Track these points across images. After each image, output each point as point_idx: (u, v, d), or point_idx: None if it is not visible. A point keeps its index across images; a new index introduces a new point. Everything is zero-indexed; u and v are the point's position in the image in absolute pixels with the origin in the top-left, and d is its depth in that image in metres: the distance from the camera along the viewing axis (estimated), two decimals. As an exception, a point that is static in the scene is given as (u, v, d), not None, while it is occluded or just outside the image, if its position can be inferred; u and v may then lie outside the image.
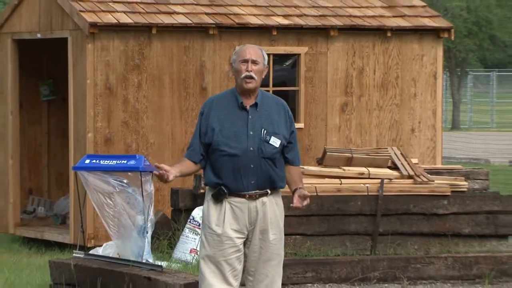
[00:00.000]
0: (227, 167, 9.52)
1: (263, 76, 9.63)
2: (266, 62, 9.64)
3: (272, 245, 9.65)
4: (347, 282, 14.13)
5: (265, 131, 9.53)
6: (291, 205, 9.64)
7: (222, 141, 9.48)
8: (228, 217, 9.54)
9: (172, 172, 9.58)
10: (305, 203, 9.66)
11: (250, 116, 9.55)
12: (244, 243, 9.67)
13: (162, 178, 9.58)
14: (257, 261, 9.70)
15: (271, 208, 9.62)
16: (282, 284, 11.90)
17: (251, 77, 9.48)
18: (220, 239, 9.53)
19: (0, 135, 19.31)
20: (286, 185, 9.82)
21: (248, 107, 9.55)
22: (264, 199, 9.57)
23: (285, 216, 14.55)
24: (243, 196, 9.51)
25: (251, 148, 9.48)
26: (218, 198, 9.53)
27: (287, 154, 9.66)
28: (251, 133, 9.50)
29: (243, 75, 9.47)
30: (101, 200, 14.09)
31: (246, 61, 9.50)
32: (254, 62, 9.51)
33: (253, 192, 9.51)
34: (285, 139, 9.64)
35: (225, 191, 9.51)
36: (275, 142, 9.52)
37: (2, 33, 19.13)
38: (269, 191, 9.57)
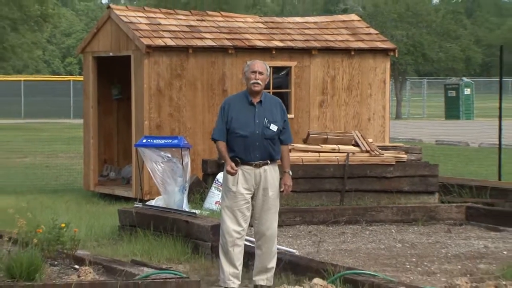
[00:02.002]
0: (240, 144, 9.94)
1: (266, 83, 10.07)
2: (268, 73, 10.10)
3: (271, 199, 9.98)
4: (324, 224, 14.26)
5: (266, 120, 9.95)
6: (281, 190, 10.07)
7: (237, 127, 9.93)
8: (241, 179, 9.93)
9: (232, 164, 9.93)
10: (289, 189, 10.11)
11: (256, 110, 9.97)
12: (252, 197, 9.98)
13: (231, 172, 9.90)
14: (260, 210, 10.00)
15: (270, 173, 9.99)
16: (278, 226, 12.45)
17: (258, 83, 9.92)
18: (235, 194, 9.93)
19: (84, 122, 19.55)
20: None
21: (255, 104, 9.99)
22: (265, 167, 9.96)
23: (280, 179, 15.37)
24: (251, 165, 9.94)
25: (257, 132, 9.92)
26: (243, 163, 9.98)
27: (281, 136, 10.07)
28: (257, 121, 9.93)
29: (252, 81, 9.92)
30: (153, 167, 14.90)
31: (254, 72, 9.94)
32: (260, 73, 9.95)
33: (258, 162, 9.94)
34: (280, 125, 10.01)
35: (238, 161, 9.92)
36: (274, 127, 9.95)
37: (85, 52, 19.31)
38: (268, 162, 9.98)
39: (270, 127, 9.99)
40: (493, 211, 14.91)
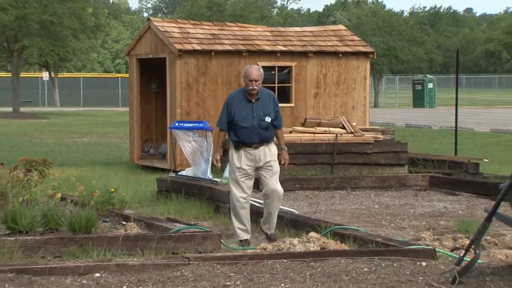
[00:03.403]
0: (242, 132, 9.85)
1: (261, 82, 9.88)
2: (262, 77, 9.89)
3: (272, 166, 9.91)
4: (317, 190, 14.22)
5: (262, 113, 9.86)
6: (281, 163, 10.04)
7: (239, 120, 9.82)
8: (243, 157, 9.89)
9: (218, 157, 10.00)
10: (287, 162, 10.08)
11: (254, 106, 9.88)
12: (258, 168, 9.93)
13: (215, 163, 10.03)
14: (266, 176, 9.91)
15: (268, 149, 9.93)
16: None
17: (254, 89, 9.80)
18: (239, 169, 9.88)
19: (130, 110, 19.57)
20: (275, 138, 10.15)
21: (253, 101, 9.89)
22: (262, 147, 9.90)
23: (279, 155, 15.24)
24: (251, 147, 9.89)
25: (255, 123, 9.83)
26: (236, 147, 9.95)
27: (274, 122, 9.96)
28: (255, 115, 9.85)
29: (250, 88, 9.81)
30: (184, 145, 14.86)
31: (251, 80, 9.79)
32: (256, 80, 9.80)
33: (256, 145, 9.87)
34: (273, 115, 9.92)
35: (240, 144, 9.88)
36: (268, 119, 9.88)
37: (130, 54, 19.33)
38: (265, 143, 9.91)
39: (265, 119, 9.91)
40: (450, 180, 14.94)
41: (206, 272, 7.31)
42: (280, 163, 10.09)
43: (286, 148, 10.18)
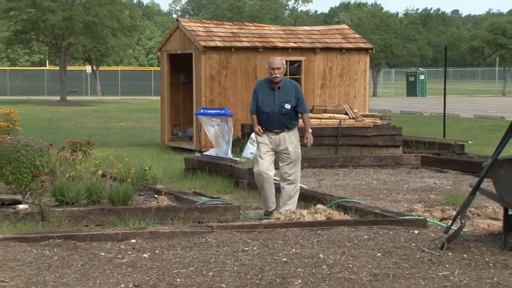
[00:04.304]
0: (264, 118, 9.61)
1: (284, 72, 9.69)
2: (285, 66, 9.69)
3: (290, 154, 9.63)
4: (324, 168, 14.26)
5: (282, 101, 9.55)
6: (305, 142, 9.70)
7: (262, 106, 9.60)
8: (267, 138, 9.60)
9: (258, 127, 9.66)
10: (311, 142, 9.71)
11: (276, 94, 9.58)
12: (277, 152, 9.63)
13: (258, 133, 9.68)
14: (283, 163, 9.67)
15: (288, 138, 9.62)
16: None
17: (277, 76, 9.52)
18: (263, 144, 9.61)
19: (161, 99, 19.56)
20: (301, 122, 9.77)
21: (275, 89, 9.60)
22: (283, 133, 9.61)
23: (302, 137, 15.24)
24: (272, 132, 9.60)
25: (275, 110, 9.53)
26: (268, 131, 9.66)
27: (298, 109, 9.63)
28: (276, 102, 9.54)
29: (273, 76, 9.54)
30: (208, 129, 14.88)
31: (273, 68, 9.53)
32: (278, 68, 9.53)
33: (277, 130, 9.59)
34: (294, 103, 9.56)
35: (264, 129, 9.63)
36: (288, 106, 9.53)
37: (161, 50, 19.24)
38: (286, 130, 9.60)
39: (285, 106, 9.55)
40: (439, 159, 14.88)
41: (227, 239, 7.34)
42: (304, 143, 9.78)
43: (310, 130, 9.79)
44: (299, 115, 9.83)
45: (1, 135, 11.53)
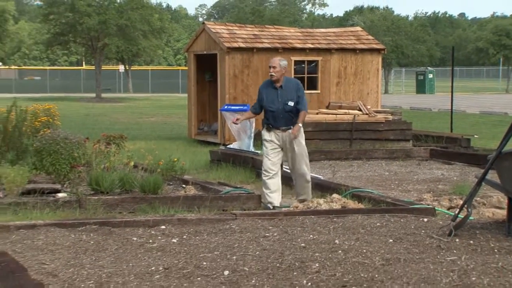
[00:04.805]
0: (270, 116, 9.39)
1: (283, 72, 9.30)
2: (282, 65, 9.28)
3: (296, 150, 9.41)
4: (339, 160, 14.17)
5: (286, 99, 9.29)
6: (289, 131, 9.38)
7: (267, 104, 9.38)
8: (273, 135, 9.41)
9: (238, 117, 9.75)
10: (294, 134, 9.31)
11: (278, 92, 9.33)
12: (284, 149, 9.47)
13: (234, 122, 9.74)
14: (291, 159, 9.53)
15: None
16: (310, 161, 13.09)
17: (272, 75, 9.24)
18: (269, 142, 9.44)
19: (188, 96, 19.59)
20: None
21: (278, 88, 9.34)
22: (289, 131, 9.38)
23: (313, 131, 15.12)
24: (278, 129, 9.39)
25: (280, 107, 9.30)
26: (268, 129, 9.49)
27: (298, 106, 9.31)
28: (279, 100, 9.31)
29: (270, 74, 9.32)
30: (231, 124, 14.15)
31: (270, 67, 9.32)
32: (274, 67, 9.25)
33: (283, 127, 9.36)
34: (295, 101, 9.29)
35: (271, 126, 9.41)
36: (291, 103, 9.28)
37: (189, 51, 19.25)
38: (291, 127, 9.35)
39: (288, 104, 9.29)
40: (447, 152, 14.78)
41: (249, 226, 7.34)
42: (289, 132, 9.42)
43: (300, 125, 9.37)
44: None
45: (42, 129, 11.58)
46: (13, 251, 6.12)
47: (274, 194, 9.47)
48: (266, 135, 9.54)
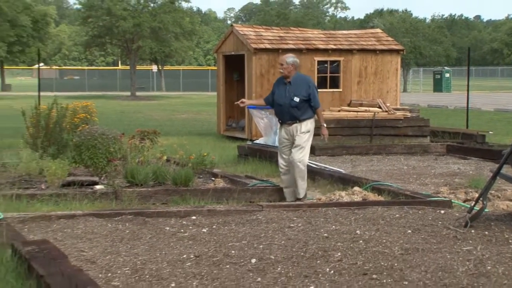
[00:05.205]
0: (278, 110, 9.19)
1: (291, 68, 9.04)
2: (289, 62, 9.05)
3: (296, 140, 8.99)
4: (360, 155, 14.07)
5: (292, 94, 8.96)
6: (321, 138, 9.28)
7: (276, 98, 9.16)
8: (283, 131, 9.17)
9: (245, 101, 9.54)
10: (327, 136, 9.23)
11: (287, 87, 9.05)
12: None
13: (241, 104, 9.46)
14: (293, 146, 9.03)
15: (298, 127, 9.00)
16: (333, 155, 13.27)
17: (281, 71, 9.13)
18: (280, 140, 9.28)
19: (217, 94, 19.45)
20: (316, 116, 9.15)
21: (287, 84, 9.08)
22: (295, 124, 9.03)
23: (335, 127, 14.93)
24: (286, 123, 9.09)
25: (286, 102, 9.00)
26: (280, 125, 9.27)
27: (311, 103, 8.98)
28: (287, 95, 9.00)
29: (279, 70, 9.30)
30: (258, 120, 14.66)
31: (279, 63, 9.29)
32: (281, 64, 9.10)
33: (289, 122, 9.04)
34: (304, 97, 8.92)
35: (280, 121, 9.23)
36: (296, 99, 8.91)
37: (218, 52, 19.18)
38: (297, 121, 9.02)
39: (294, 99, 8.93)
40: (463, 147, 14.61)
41: (275, 216, 7.33)
42: (321, 139, 9.34)
43: (325, 125, 9.22)
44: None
45: (81, 125, 11.66)
46: (54, 239, 6.18)
47: (287, 189, 9.27)
48: (279, 132, 9.41)
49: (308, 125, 9.10)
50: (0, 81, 59.13)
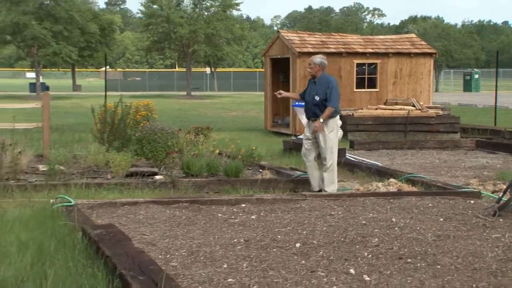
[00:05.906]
0: (305, 106, 8.89)
1: (318, 68, 8.65)
2: (316, 62, 8.68)
3: (321, 141, 8.65)
4: (395, 149, 13.85)
5: (315, 93, 8.62)
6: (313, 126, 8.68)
7: (305, 95, 8.91)
8: (308, 126, 8.89)
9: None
10: (315, 129, 8.60)
11: (313, 86, 8.72)
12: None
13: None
14: (320, 147, 8.71)
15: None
16: (370, 150, 13.04)
17: (309, 71, 8.79)
18: (304, 135, 8.99)
19: (265, 94, 19.23)
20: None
21: (313, 83, 8.74)
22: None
23: (372, 124, 14.85)
24: (309, 119, 8.81)
25: (309, 100, 8.71)
26: (307, 118, 8.95)
27: (327, 102, 8.50)
28: (312, 93, 8.68)
29: (308, 70, 8.94)
30: (302, 117, 13.29)
31: (308, 63, 8.92)
32: (309, 64, 8.76)
33: (312, 118, 8.69)
34: (323, 96, 8.53)
35: (306, 116, 8.91)
36: (316, 98, 8.54)
37: (265, 55, 19.04)
38: (318, 119, 8.51)
39: (315, 98, 8.61)
40: (491, 143, 14.35)
41: (317, 205, 7.32)
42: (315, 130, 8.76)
43: (321, 120, 8.52)
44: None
45: (142, 122, 11.79)
46: (119, 224, 6.26)
47: (313, 181, 8.88)
48: (306, 126, 9.10)
49: (330, 125, 8.64)
50: (71, 82, 60.24)
